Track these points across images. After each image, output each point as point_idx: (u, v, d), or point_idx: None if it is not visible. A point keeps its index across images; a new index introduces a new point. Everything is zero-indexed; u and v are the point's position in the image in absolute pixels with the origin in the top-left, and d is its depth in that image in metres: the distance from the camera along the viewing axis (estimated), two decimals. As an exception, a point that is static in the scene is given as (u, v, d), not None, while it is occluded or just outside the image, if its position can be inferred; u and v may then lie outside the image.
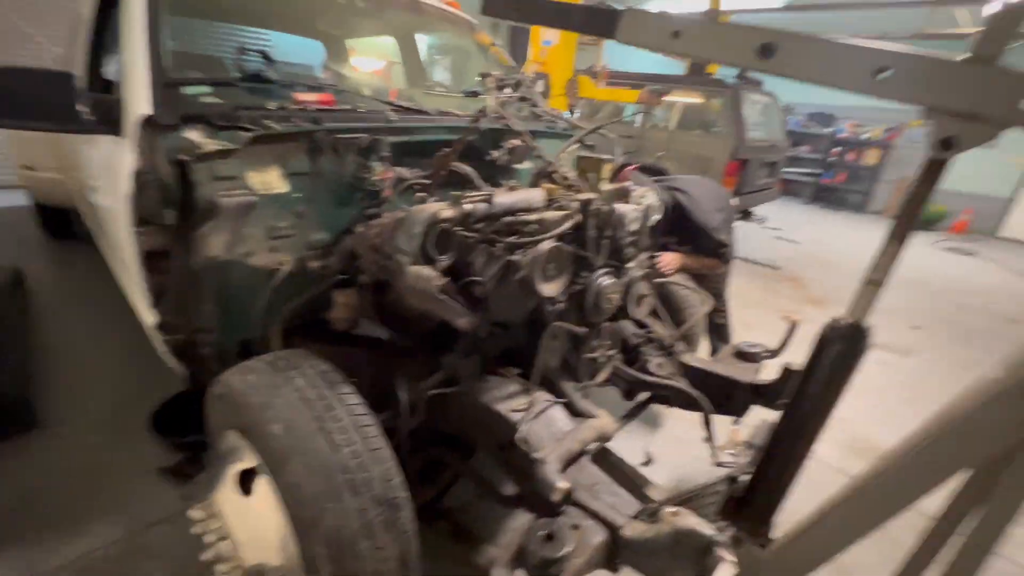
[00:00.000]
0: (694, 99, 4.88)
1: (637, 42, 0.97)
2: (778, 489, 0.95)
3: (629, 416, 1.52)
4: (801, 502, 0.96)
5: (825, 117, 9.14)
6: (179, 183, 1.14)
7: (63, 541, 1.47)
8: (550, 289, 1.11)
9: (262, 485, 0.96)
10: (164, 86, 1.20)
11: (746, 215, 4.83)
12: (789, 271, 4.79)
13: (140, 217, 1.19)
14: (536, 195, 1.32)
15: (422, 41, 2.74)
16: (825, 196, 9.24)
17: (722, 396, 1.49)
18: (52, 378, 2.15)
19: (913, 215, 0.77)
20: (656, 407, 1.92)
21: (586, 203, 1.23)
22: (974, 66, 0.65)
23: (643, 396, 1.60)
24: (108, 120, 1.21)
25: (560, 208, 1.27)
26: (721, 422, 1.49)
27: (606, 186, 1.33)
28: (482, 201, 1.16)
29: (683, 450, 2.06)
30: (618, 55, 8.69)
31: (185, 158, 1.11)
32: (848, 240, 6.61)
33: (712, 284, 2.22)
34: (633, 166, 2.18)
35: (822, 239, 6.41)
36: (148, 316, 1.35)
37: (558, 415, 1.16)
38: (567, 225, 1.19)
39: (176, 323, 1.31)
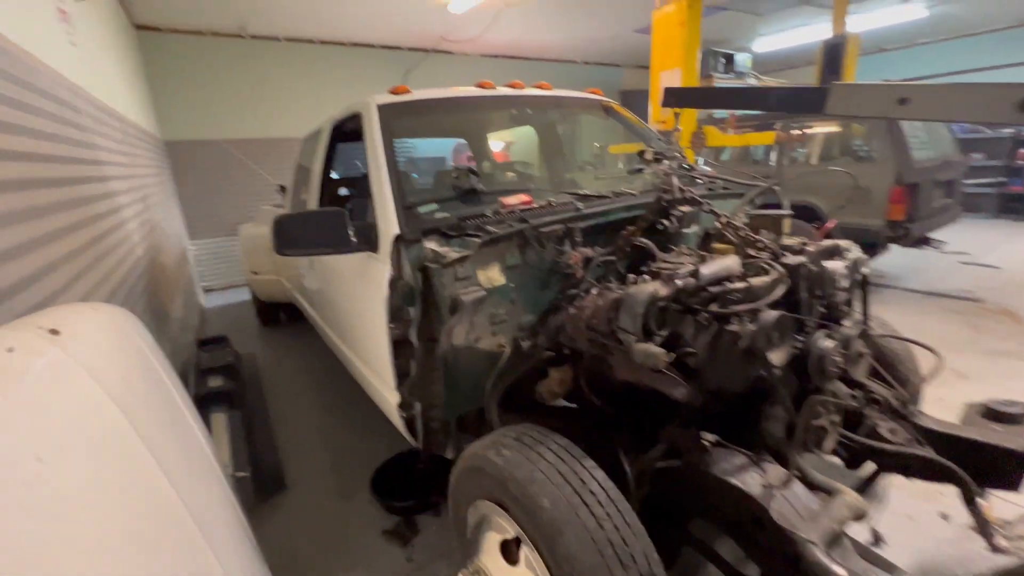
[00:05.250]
0: (833, 128, 4.56)
1: (855, 114, 0.99)
2: None
3: (863, 490, 1.37)
4: None
5: (998, 117, 7.81)
6: (423, 285, 1.38)
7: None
8: (778, 358, 1.10)
9: (526, 555, 1.05)
10: (405, 209, 1.51)
11: (923, 242, 4.22)
12: (994, 302, 4.01)
13: (392, 314, 1.46)
14: (733, 262, 1.34)
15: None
16: (1017, 207, 7.68)
17: (984, 467, 1.28)
18: (285, 445, 2.58)
19: None
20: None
21: (796, 267, 1.22)
22: None
23: (871, 466, 1.44)
24: (367, 241, 1.54)
25: (764, 273, 1.28)
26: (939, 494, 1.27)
27: (813, 246, 1.31)
28: (690, 276, 1.22)
29: (916, 529, 1.77)
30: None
31: (429, 265, 1.36)
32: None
33: None
34: (833, 222, 2.09)
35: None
36: (390, 395, 1.61)
37: (800, 490, 1.10)
38: (779, 291, 1.19)
39: (412, 401, 1.54)
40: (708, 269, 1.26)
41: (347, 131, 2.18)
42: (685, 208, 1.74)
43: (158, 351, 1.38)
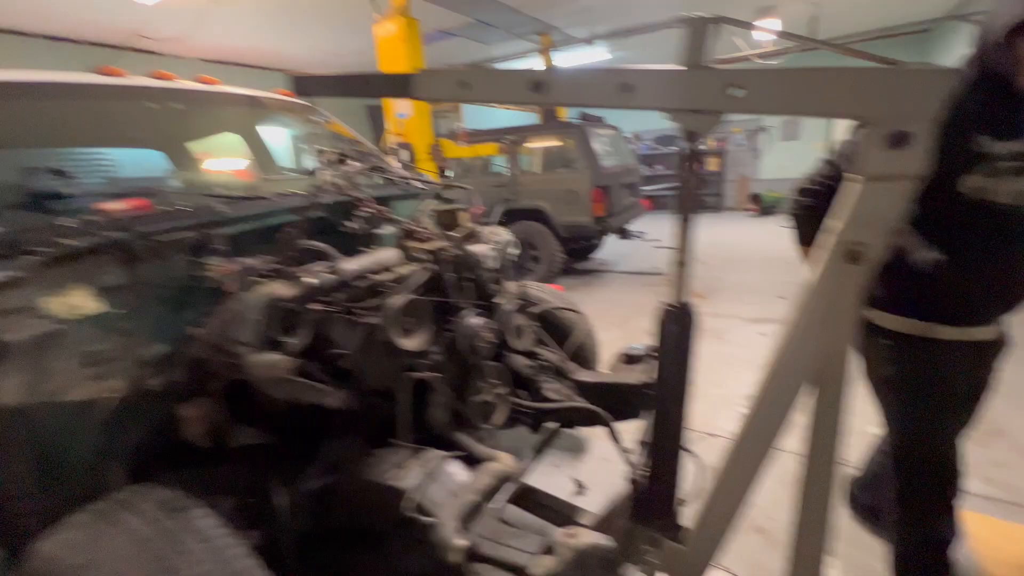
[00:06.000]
0: (552, 143, 5.34)
1: (434, 97, 1.04)
2: (669, 478, 0.97)
3: (541, 449, 1.49)
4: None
5: (668, 138, 10.48)
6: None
7: None
8: (412, 343, 1.08)
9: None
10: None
11: (624, 233, 5.24)
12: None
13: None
14: (392, 255, 1.32)
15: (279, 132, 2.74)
16: (690, 204, 10.47)
17: (620, 403, 1.53)
18: None
19: (691, 201, 0.88)
20: (581, 432, 1.92)
21: (436, 251, 1.24)
22: (690, 71, 0.77)
23: (551, 425, 1.60)
24: None
25: (414, 262, 1.27)
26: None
27: (458, 232, 1.37)
28: (327, 271, 1.12)
29: (610, 469, 2.07)
30: (484, 114, 9.27)
31: (-43, 300, 0.95)
32: (713, 236, 7.44)
33: None
34: (478, 208, 2.27)
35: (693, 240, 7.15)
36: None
37: (455, 470, 1.10)
38: (421, 277, 1.19)
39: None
40: (352, 264, 1.20)
41: None
42: (370, 208, 1.69)
43: None
